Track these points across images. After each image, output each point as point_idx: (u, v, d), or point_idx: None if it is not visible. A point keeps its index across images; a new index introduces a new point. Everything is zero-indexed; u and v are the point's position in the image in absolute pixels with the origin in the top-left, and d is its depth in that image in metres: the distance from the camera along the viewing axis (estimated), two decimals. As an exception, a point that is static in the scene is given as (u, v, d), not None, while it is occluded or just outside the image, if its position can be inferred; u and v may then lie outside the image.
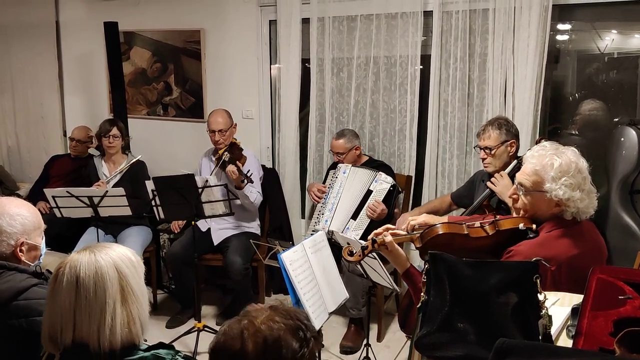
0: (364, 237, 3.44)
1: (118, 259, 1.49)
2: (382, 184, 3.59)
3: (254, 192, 3.78)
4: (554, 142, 2.14)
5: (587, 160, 2.09)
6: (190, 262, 3.69)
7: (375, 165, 3.80)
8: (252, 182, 3.60)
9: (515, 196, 2.14)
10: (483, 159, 3.04)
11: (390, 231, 2.14)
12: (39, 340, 1.72)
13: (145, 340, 1.54)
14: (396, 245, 2.09)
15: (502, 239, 2.11)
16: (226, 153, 3.70)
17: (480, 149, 3.04)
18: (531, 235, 2.06)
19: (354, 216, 3.63)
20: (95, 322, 1.41)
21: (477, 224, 2.15)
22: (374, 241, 2.10)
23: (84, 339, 1.41)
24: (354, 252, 2.15)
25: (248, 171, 3.57)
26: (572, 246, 2.00)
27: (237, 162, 3.62)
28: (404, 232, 2.23)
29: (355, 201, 3.65)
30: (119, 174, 4.00)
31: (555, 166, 2.00)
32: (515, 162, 2.93)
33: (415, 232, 2.20)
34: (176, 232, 4.15)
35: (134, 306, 1.47)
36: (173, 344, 3.38)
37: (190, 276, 3.78)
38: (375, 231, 2.15)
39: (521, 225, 2.07)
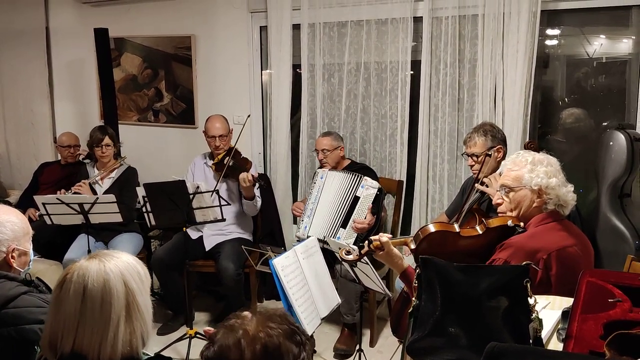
0: (355, 244, 3.44)
1: (127, 272, 1.45)
2: (369, 189, 3.57)
3: (259, 199, 3.79)
4: (527, 151, 2.36)
5: (576, 165, 2.19)
6: (177, 267, 3.69)
7: (356, 168, 3.79)
8: (263, 185, 3.61)
9: (500, 200, 2.27)
10: (471, 166, 3.06)
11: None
12: (29, 349, 1.71)
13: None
14: (392, 246, 2.12)
15: (492, 237, 2.20)
16: (228, 158, 3.69)
17: (468, 156, 3.06)
18: (520, 231, 2.17)
19: (344, 224, 3.61)
20: (97, 336, 1.38)
21: (468, 224, 2.24)
22: (369, 242, 2.12)
23: (83, 350, 1.38)
24: (351, 252, 2.18)
25: (258, 175, 3.58)
26: (561, 238, 2.11)
27: (245, 170, 3.61)
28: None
29: (341, 208, 3.62)
30: (109, 179, 4.01)
31: (529, 160, 2.21)
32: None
33: (408, 236, 2.24)
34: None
35: (138, 323, 1.44)
36: (165, 351, 3.37)
37: (177, 281, 3.78)
38: (371, 237, 2.17)
39: (509, 222, 2.19)
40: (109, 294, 1.40)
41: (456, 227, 2.21)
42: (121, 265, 1.46)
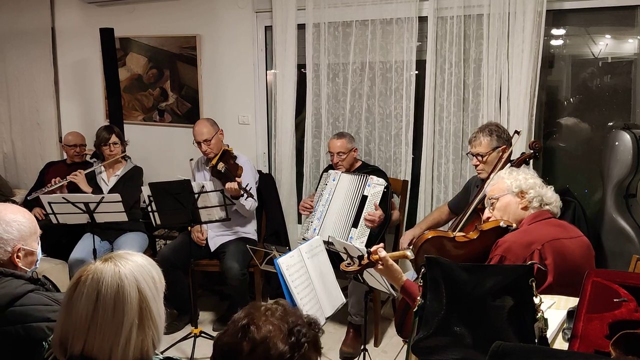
0: (368, 244, 3.44)
1: (141, 277, 1.43)
2: (376, 187, 3.58)
3: (249, 200, 3.77)
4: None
5: (581, 166, 2.25)
6: (182, 267, 3.70)
7: (369, 170, 3.79)
8: (252, 196, 3.59)
9: (488, 214, 2.38)
10: (476, 166, 3.06)
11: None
12: (36, 347, 1.72)
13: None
14: (391, 261, 2.14)
15: (487, 240, 2.25)
16: (220, 163, 3.68)
17: (473, 155, 3.06)
18: (512, 229, 2.26)
19: (355, 224, 3.61)
20: (108, 341, 1.36)
21: (462, 232, 2.37)
22: (369, 253, 2.14)
23: (93, 354, 1.37)
24: (352, 263, 2.20)
25: (247, 185, 3.57)
26: (555, 232, 2.17)
27: (235, 176, 3.60)
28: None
29: (351, 209, 3.63)
30: (114, 176, 4.05)
31: (507, 171, 2.43)
32: (508, 165, 2.95)
33: (405, 248, 2.27)
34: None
35: (150, 331, 1.42)
36: (169, 350, 3.38)
37: (182, 281, 3.79)
38: (370, 249, 2.21)
39: (502, 223, 2.27)
40: (121, 301, 1.38)
41: (451, 233, 2.25)
42: (136, 270, 1.43)
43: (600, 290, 1.58)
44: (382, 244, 2.21)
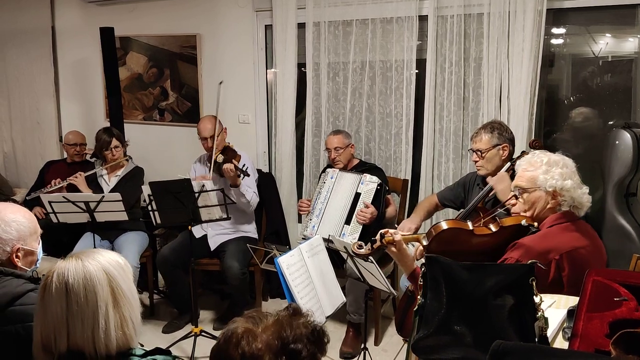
0: (360, 240, 3.44)
1: (106, 262, 1.48)
2: (369, 184, 3.58)
3: (249, 191, 3.77)
4: (542, 150, 2.33)
5: (583, 164, 2.17)
6: (182, 266, 3.72)
7: (366, 167, 3.79)
8: (248, 175, 3.60)
9: (513, 201, 2.27)
10: (475, 162, 3.07)
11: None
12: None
13: (142, 346, 1.54)
14: (404, 245, 2.12)
15: (505, 236, 2.19)
16: (220, 155, 3.70)
17: (473, 151, 3.07)
18: (533, 231, 2.16)
19: (347, 221, 3.61)
20: (89, 327, 1.40)
21: (481, 222, 2.23)
22: (382, 236, 2.12)
23: (79, 345, 1.40)
24: (363, 246, 2.18)
25: (244, 165, 3.58)
26: (574, 239, 2.09)
27: (233, 160, 3.62)
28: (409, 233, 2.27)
29: (345, 206, 3.63)
30: (115, 177, 4.05)
31: (544, 161, 2.20)
32: (508, 164, 2.95)
33: (420, 233, 2.24)
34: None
35: (126, 308, 1.46)
36: (170, 349, 3.38)
37: (182, 280, 3.79)
38: (382, 230, 2.17)
39: (523, 222, 2.18)
40: (91, 284, 1.42)
41: (469, 225, 2.21)
42: (100, 259, 1.49)
43: (601, 289, 1.58)
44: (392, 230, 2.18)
